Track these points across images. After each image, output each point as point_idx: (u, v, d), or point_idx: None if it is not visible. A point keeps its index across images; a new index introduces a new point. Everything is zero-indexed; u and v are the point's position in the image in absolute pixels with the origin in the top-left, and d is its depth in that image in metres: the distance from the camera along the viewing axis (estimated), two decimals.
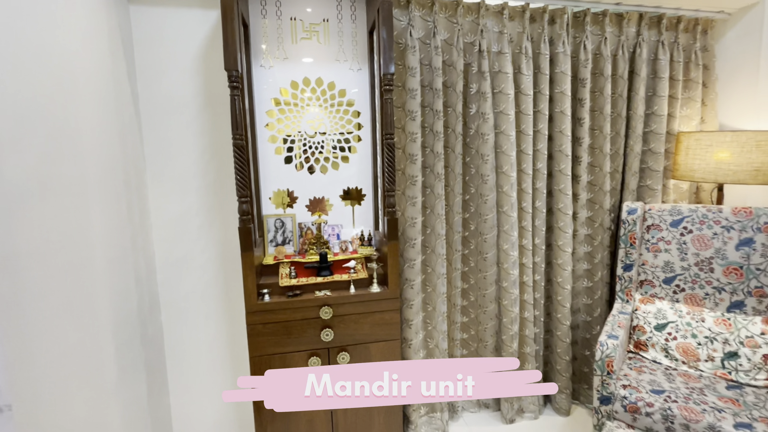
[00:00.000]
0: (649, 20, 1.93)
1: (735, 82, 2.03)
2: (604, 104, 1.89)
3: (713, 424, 1.29)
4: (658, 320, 1.72)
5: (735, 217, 1.68)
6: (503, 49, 1.76)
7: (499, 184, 1.82)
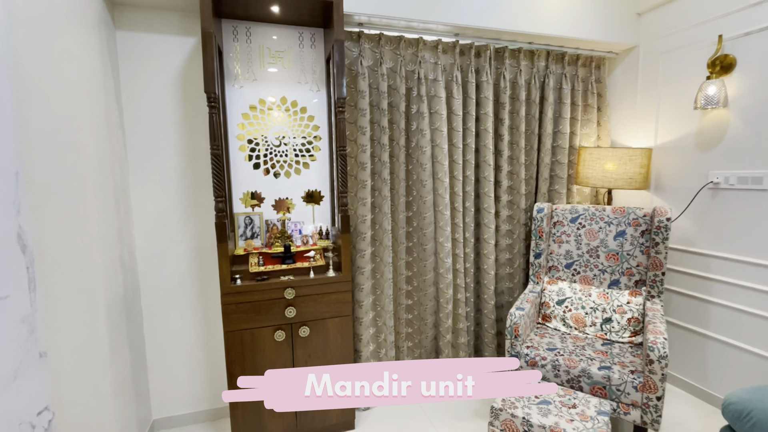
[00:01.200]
0: (555, 56, 2.41)
1: (621, 108, 2.55)
2: (520, 123, 2.34)
3: (585, 368, 1.73)
4: (559, 297, 2.17)
5: (614, 214, 2.17)
6: (438, 77, 2.15)
7: (435, 187, 2.21)
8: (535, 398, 1.59)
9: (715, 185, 2.03)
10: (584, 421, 1.44)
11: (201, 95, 1.89)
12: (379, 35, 2.04)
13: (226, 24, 1.90)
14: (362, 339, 2.12)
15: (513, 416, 1.50)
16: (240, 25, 1.91)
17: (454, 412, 2.10)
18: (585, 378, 1.72)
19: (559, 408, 1.52)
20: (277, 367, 1.78)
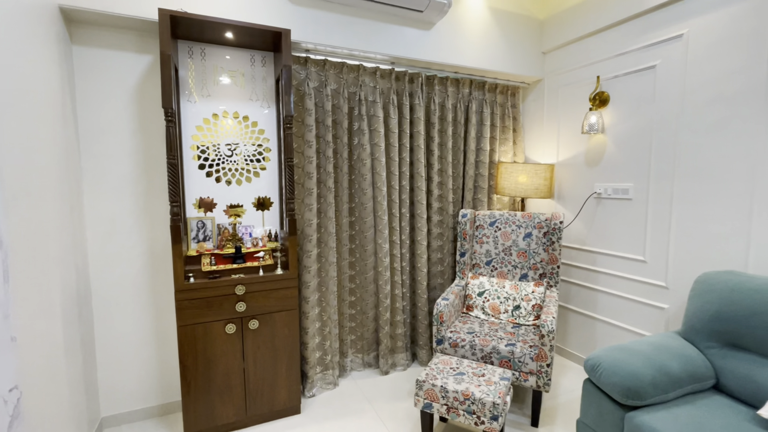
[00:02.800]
0: (477, 84, 2.82)
1: (532, 129, 3.02)
2: (448, 141, 2.71)
3: (495, 346, 2.08)
4: (480, 289, 2.54)
5: (523, 219, 2.59)
6: (376, 98, 2.46)
7: (375, 195, 2.50)
8: (453, 371, 1.90)
9: (598, 195, 2.52)
10: (489, 386, 1.77)
11: (156, 107, 2.04)
12: (324, 60, 2.32)
13: (182, 44, 2.07)
14: (309, 332, 2.34)
15: (433, 385, 1.80)
16: (195, 45, 2.09)
17: (392, 394, 2.37)
18: (495, 354, 2.07)
19: (471, 377, 1.85)
20: (229, 358, 1.96)
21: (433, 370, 1.91)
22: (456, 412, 1.75)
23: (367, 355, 2.67)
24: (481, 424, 1.69)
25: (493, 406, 1.67)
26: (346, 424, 2.09)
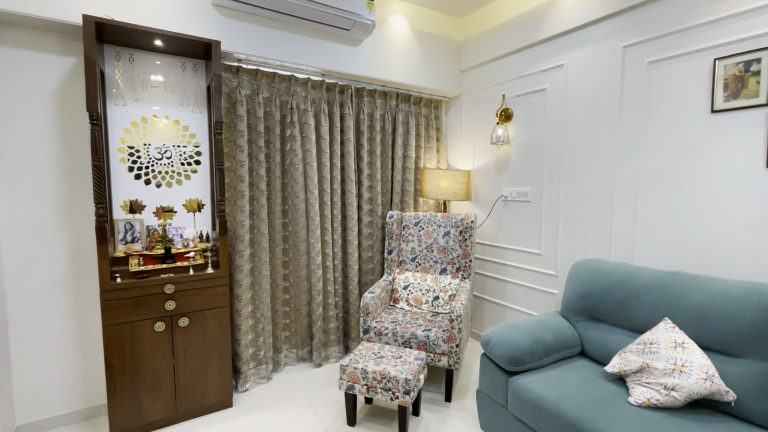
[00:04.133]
0: (403, 97, 3.10)
1: (454, 139, 3.36)
2: (376, 148, 2.95)
3: (413, 332, 2.33)
4: (405, 283, 2.79)
5: (443, 219, 2.89)
6: (308, 107, 2.63)
7: (307, 198, 2.66)
8: (374, 355, 2.12)
9: (505, 198, 2.89)
10: (404, 365, 2.01)
11: (81, 109, 2.05)
12: (256, 70, 2.45)
13: (109, 48, 2.10)
14: (241, 329, 2.43)
15: (355, 368, 2.00)
16: (123, 50, 2.13)
17: (323, 384, 2.53)
18: (413, 339, 2.32)
19: (389, 360, 2.07)
20: (158, 355, 2.02)
21: (357, 356, 2.11)
22: (375, 390, 1.96)
23: (301, 349, 2.81)
24: (396, 398, 1.92)
25: (406, 382, 1.90)
26: (277, 412, 2.22)
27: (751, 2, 1.67)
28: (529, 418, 1.64)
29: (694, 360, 1.47)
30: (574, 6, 2.32)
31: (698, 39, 1.84)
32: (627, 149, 2.13)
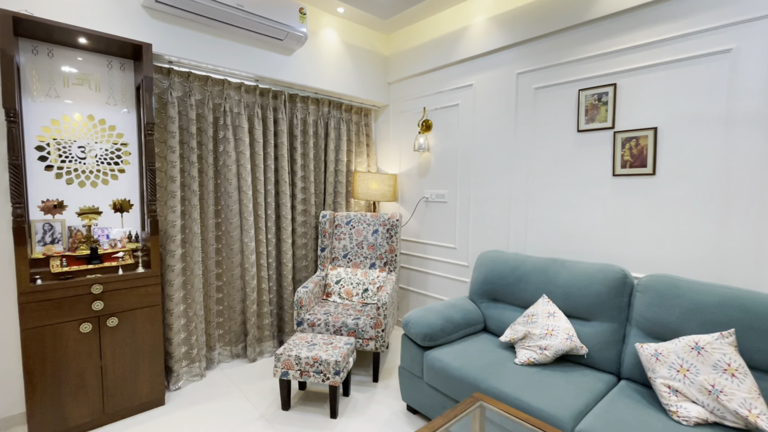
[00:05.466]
0: (335, 104, 3.31)
1: (383, 145, 3.65)
2: (309, 151, 3.12)
3: (344, 321, 2.55)
4: (337, 278, 3.00)
5: (372, 218, 3.15)
6: (241, 111, 2.72)
7: (241, 199, 2.75)
8: (307, 343, 2.30)
9: (427, 199, 3.24)
10: (334, 350, 2.22)
11: None
12: (189, 73, 2.49)
13: (25, 42, 2.02)
14: (173, 328, 2.46)
15: (289, 356, 2.17)
16: (41, 45, 2.07)
17: (258, 376, 2.64)
18: (344, 327, 2.54)
19: (321, 346, 2.27)
20: (83, 357, 2.00)
21: (290, 345, 2.27)
22: (308, 374, 2.15)
23: (235, 346, 2.88)
24: (327, 380, 2.12)
25: (336, 364, 2.11)
26: (212, 405, 2.30)
27: (602, 48, 2.16)
28: (440, 384, 1.95)
29: (560, 325, 1.89)
30: (481, 35, 2.72)
31: (569, 73, 2.31)
32: (520, 159, 2.57)
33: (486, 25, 2.69)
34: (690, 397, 1.45)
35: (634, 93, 2.05)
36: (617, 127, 2.12)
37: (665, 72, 1.95)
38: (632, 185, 2.08)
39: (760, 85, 1.68)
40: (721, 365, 1.42)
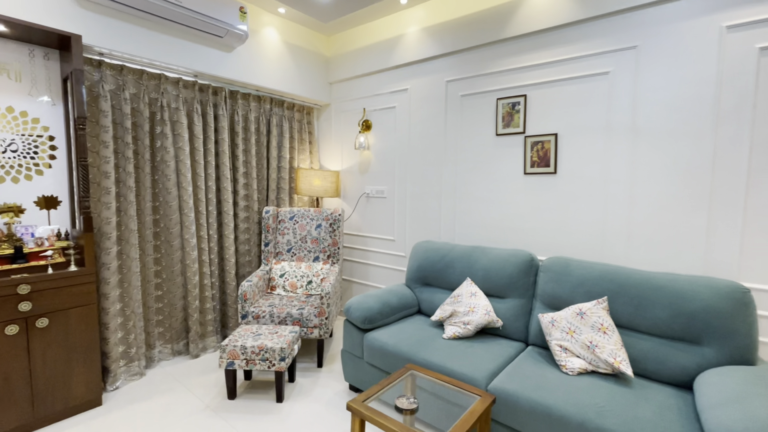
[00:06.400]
0: (277, 102, 3.37)
1: (325, 142, 3.78)
2: (251, 148, 3.17)
3: (289, 311, 2.67)
4: (281, 272, 3.09)
5: (315, 213, 3.28)
6: (180, 106, 2.70)
7: (180, 195, 2.74)
8: (253, 334, 2.39)
9: (368, 194, 3.43)
10: (280, 338, 2.34)
11: None
12: (122, 66, 2.43)
13: None
14: (110, 327, 2.40)
15: (234, 346, 2.24)
16: None
17: (202, 371, 2.66)
18: (289, 317, 2.66)
19: (266, 335, 2.37)
20: (9, 360, 1.92)
21: (236, 336, 2.35)
22: (253, 363, 2.24)
23: (176, 343, 2.86)
24: (273, 366, 2.24)
25: (281, 351, 2.24)
26: (154, 402, 2.30)
27: (515, 63, 2.50)
28: (379, 361, 2.16)
29: (480, 303, 2.19)
30: (415, 44, 2.96)
31: (489, 83, 2.63)
32: (449, 158, 2.86)
33: (419, 35, 2.94)
34: (575, 352, 1.80)
35: (540, 103, 2.41)
36: (527, 132, 2.47)
37: (563, 87, 2.32)
38: (539, 182, 2.44)
39: (627, 102, 2.10)
40: (596, 326, 1.78)
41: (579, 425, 1.46)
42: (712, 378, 1.49)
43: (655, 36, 2.01)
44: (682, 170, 1.97)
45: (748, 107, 1.79)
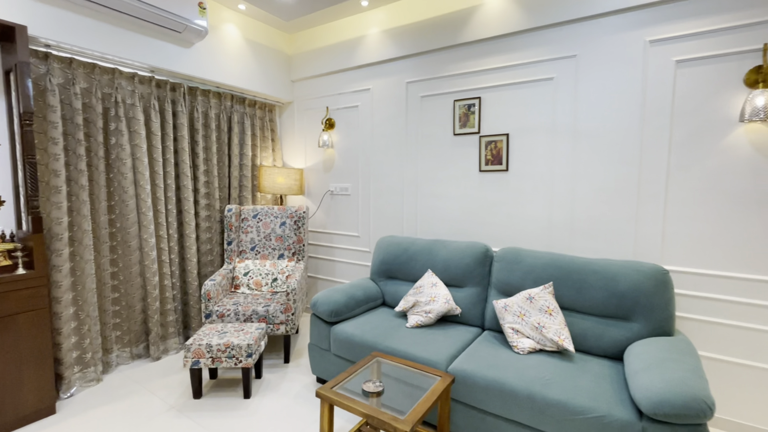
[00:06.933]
0: (238, 99, 3.34)
1: (288, 140, 3.78)
2: (212, 145, 3.12)
3: (254, 309, 2.67)
4: (245, 270, 3.08)
5: (279, 211, 3.29)
6: (136, 102, 2.62)
7: (138, 193, 2.66)
8: (218, 332, 2.38)
9: (332, 192, 3.49)
10: (246, 335, 2.35)
11: None
12: (71, 59, 2.33)
13: None
14: (62, 332, 2.30)
15: (200, 345, 2.24)
16: None
17: (164, 372, 2.61)
18: (255, 315, 2.67)
19: (232, 333, 2.38)
20: None
21: (200, 335, 2.33)
22: (220, 360, 2.25)
23: (135, 347, 2.78)
24: (240, 363, 2.25)
25: (248, 347, 2.25)
26: (113, 407, 2.24)
27: (471, 67, 2.66)
28: (345, 352, 2.24)
29: (441, 292, 2.33)
30: (376, 45, 3.06)
31: (447, 85, 2.78)
32: (410, 156, 2.99)
33: (380, 37, 3.03)
34: (525, 333, 1.98)
35: (493, 105, 2.59)
36: (482, 132, 2.64)
37: (514, 91, 2.51)
38: (493, 179, 2.62)
39: (569, 105, 2.31)
40: (544, 308, 1.97)
41: (527, 397, 1.63)
42: (638, 349, 1.71)
43: (591, 46, 2.23)
44: (615, 168, 2.21)
45: (667, 112, 2.05)
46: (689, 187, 2.02)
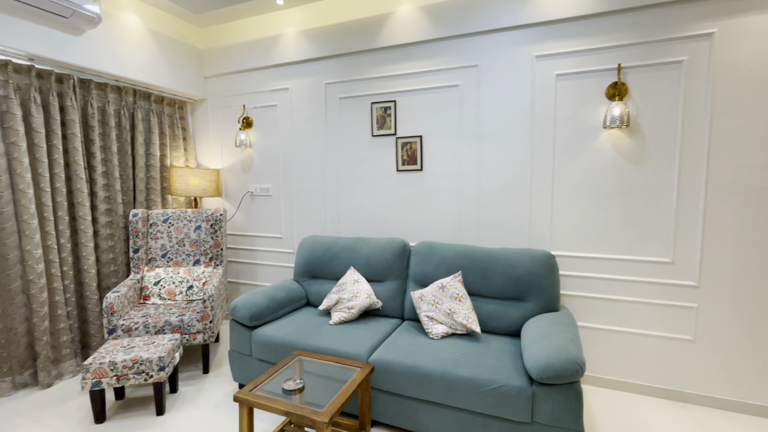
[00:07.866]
0: (142, 94, 3.08)
1: (202, 139, 3.58)
2: (112, 144, 2.84)
3: (167, 319, 2.50)
4: (156, 279, 2.86)
5: (193, 214, 3.10)
6: (10, 94, 2.29)
7: (17, 199, 2.33)
8: (124, 348, 2.19)
9: (252, 193, 3.39)
10: (157, 348, 2.19)
11: None
12: None
13: None
14: None
15: (101, 363, 2.03)
16: None
17: (59, 400, 2.32)
18: (167, 326, 2.49)
19: (141, 347, 2.20)
20: None
21: (102, 352, 2.12)
22: (126, 378, 2.07)
23: (19, 375, 2.42)
24: (150, 378, 2.10)
25: (160, 360, 2.11)
26: None
27: (386, 72, 2.78)
28: (268, 355, 2.21)
29: (363, 288, 2.41)
30: (294, 44, 3.04)
31: (365, 88, 2.87)
32: (331, 157, 3.03)
33: (298, 36, 3.02)
34: (439, 320, 2.14)
35: (407, 108, 2.74)
36: (398, 134, 2.78)
37: (426, 95, 2.68)
38: (409, 178, 2.78)
39: (473, 110, 2.55)
40: (454, 295, 2.15)
41: (440, 377, 1.77)
42: (530, 324, 1.96)
43: (490, 57, 2.49)
44: (512, 166, 2.48)
45: (551, 118, 2.36)
46: (569, 183, 2.36)
